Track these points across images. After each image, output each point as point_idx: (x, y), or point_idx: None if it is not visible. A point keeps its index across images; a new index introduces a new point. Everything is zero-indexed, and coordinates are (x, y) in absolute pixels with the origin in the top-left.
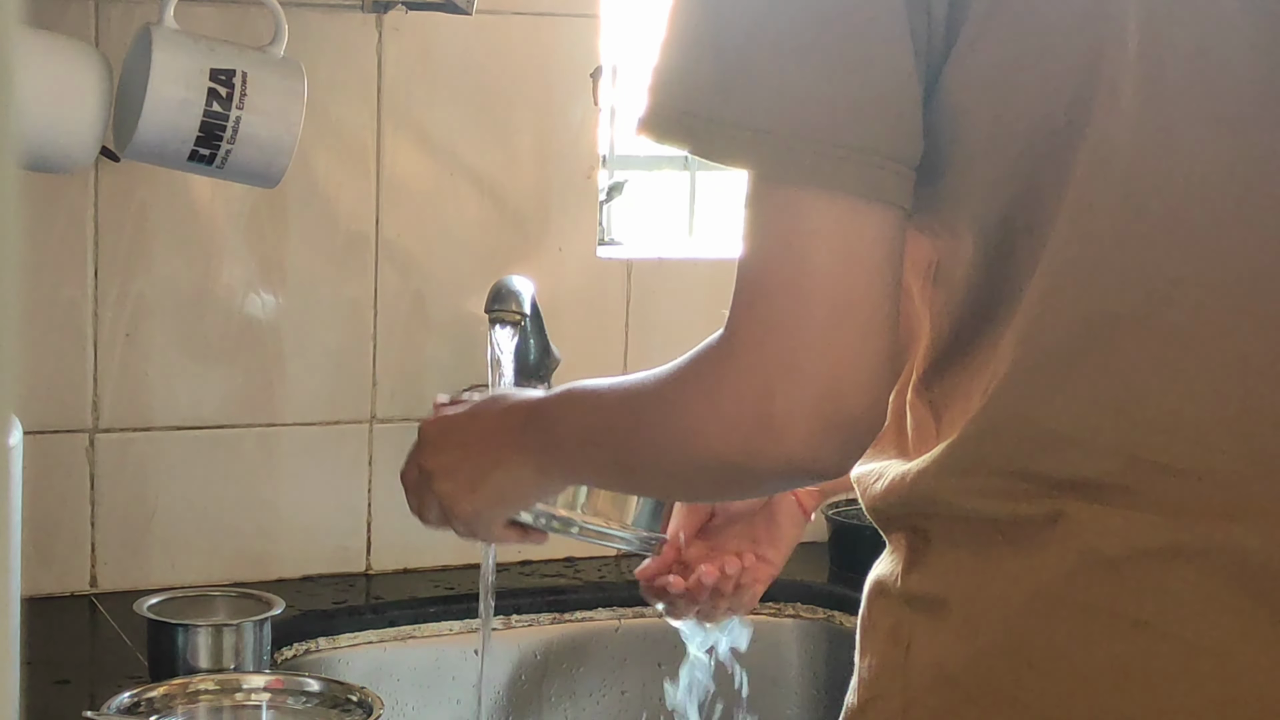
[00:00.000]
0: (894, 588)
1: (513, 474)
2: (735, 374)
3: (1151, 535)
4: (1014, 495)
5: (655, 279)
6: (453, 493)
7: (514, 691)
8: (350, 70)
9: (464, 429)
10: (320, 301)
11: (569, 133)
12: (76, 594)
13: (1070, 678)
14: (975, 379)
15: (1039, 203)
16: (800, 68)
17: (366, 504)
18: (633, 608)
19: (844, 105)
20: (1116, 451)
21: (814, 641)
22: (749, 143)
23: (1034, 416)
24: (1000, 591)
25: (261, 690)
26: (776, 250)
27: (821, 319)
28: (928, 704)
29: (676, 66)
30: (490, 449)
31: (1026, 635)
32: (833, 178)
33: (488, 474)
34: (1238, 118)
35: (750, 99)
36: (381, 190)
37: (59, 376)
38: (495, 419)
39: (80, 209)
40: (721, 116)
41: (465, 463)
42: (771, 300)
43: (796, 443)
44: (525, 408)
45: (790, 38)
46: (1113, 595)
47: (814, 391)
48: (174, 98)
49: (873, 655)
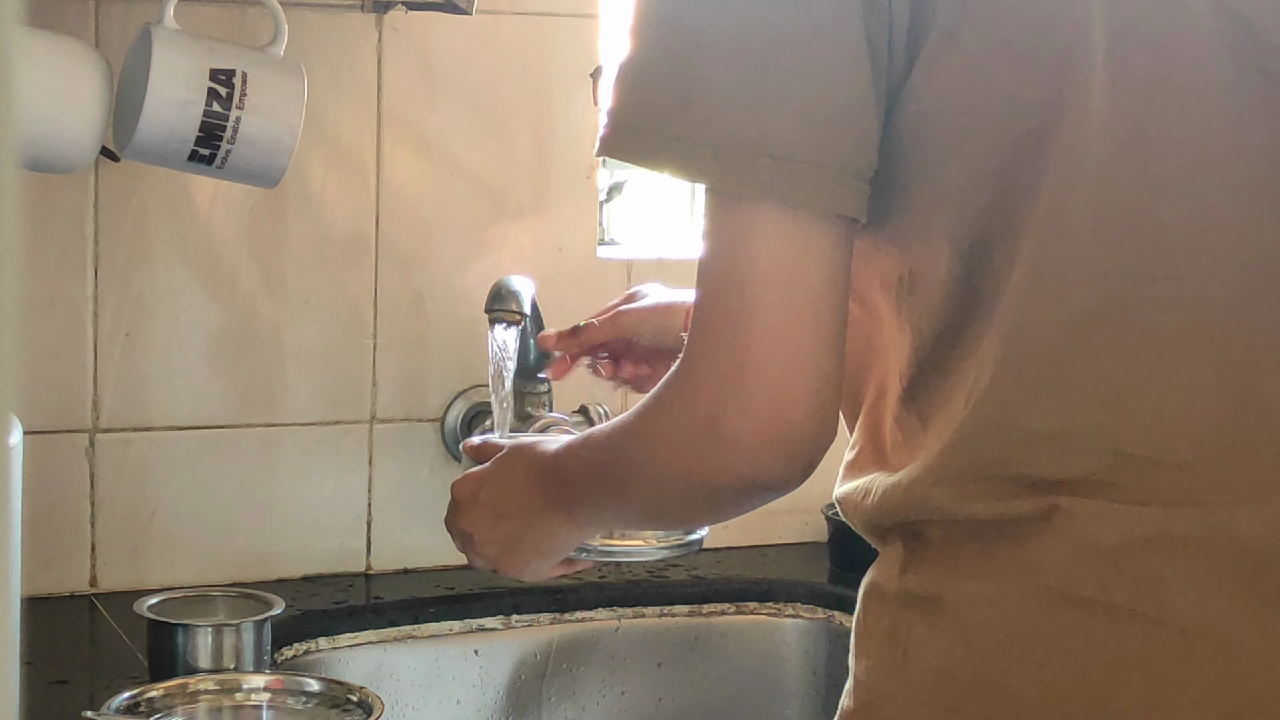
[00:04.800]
0: (890, 589)
1: (546, 530)
2: (687, 391)
3: (1144, 525)
4: (1007, 496)
5: (655, 279)
6: (496, 555)
7: (514, 691)
8: (350, 70)
9: (493, 490)
10: (320, 301)
11: (569, 133)
12: (76, 594)
13: (1069, 670)
14: (960, 385)
15: (1013, 207)
16: (752, 82)
17: (366, 504)
18: (633, 607)
19: (795, 119)
20: (1104, 448)
21: (814, 641)
22: (700, 157)
23: (1020, 418)
24: (997, 588)
25: (261, 690)
26: (723, 269)
27: (762, 338)
28: (927, 703)
29: (633, 87)
30: (520, 510)
31: (1024, 629)
32: (781, 190)
33: (523, 534)
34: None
35: (702, 114)
36: (381, 190)
37: (59, 376)
38: (520, 479)
39: (80, 209)
40: (675, 132)
41: (499, 526)
42: (716, 320)
43: (744, 458)
44: (544, 462)
45: (743, 52)
46: (1108, 585)
47: (757, 408)
48: (174, 98)
49: (869, 657)
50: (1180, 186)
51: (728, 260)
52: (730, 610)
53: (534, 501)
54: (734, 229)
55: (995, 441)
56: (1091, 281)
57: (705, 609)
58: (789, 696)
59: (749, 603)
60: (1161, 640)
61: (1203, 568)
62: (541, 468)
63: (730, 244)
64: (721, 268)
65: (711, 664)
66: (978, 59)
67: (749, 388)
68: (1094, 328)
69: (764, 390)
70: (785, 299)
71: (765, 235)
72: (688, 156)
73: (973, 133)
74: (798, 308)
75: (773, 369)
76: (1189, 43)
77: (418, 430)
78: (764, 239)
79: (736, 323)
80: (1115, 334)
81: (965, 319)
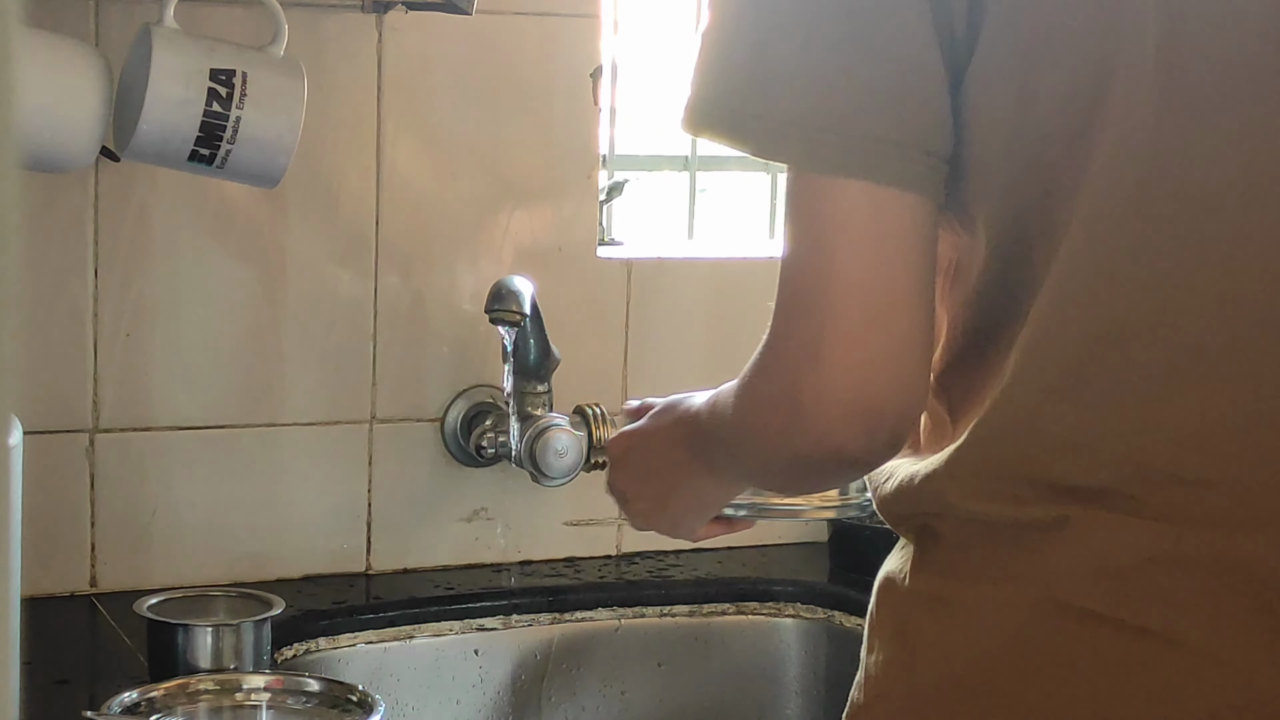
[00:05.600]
0: (902, 585)
1: (694, 487)
2: (771, 360)
3: (1158, 543)
4: (1020, 500)
5: (655, 279)
6: (647, 512)
7: (514, 691)
8: (350, 70)
9: (643, 448)
10: (320, 301)
11: (569, 133)
12: (76, 594)
13: (1075, 683)
14: (986, 382)
15: (1054, 208)
16: (834, 60)
17: (366, 504)
18: (633, 608)
19: (877, 97)
20: (1124, 460)
21: (814, 641)
22: (783, 135)
23: (1041, 423)
24: (1006, 594)
25: (261, 690)
26: (806, 240)
27: (843, 308)
28: (932, 703)
29: (714, 61)
30: (668, 467)
31: (1031, 639)
32: (865, 168)
33: (673, 491)
34: (1260, 127)
35: (784, 91)
36: (381, 190)
37: (59, 376)
38: (667, 436)
39: (80, 209)
40: (757, 110)
41: (649, 483)
42: (798, 289)
43: (823, 428)
44: (689, 419)
45: (823, 31)
46: (1119, 602)
47: (835, 378)
48: (174, 98)
49: (879, 652)
50: (1223, 200)
51: (810, 236)
52: (730, 610)
53: (680, 457)
54: (816, 207)
55: (1013, 443)
56: (1125, 290)
57: (705, 609)
58: (789, 696)
59: (749, 603)
60: (1169, 660)
61: (1216, 590)
62: (687, 424)
63: (812, 221)
64: (804, 243)
65: (711, 664)
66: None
67: (827, 357)
68: (1125, 338)
69: (842, 360)
70: (866, 275)
71: (847, 213)
72: (770, 135)
73: (1020, 131)
74: (878, 283)
75: (852, 341)
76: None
77: (418, 430)
78: (846, 217)
79: (817, 295)
80: (1146, 346)
81: (999, 317)
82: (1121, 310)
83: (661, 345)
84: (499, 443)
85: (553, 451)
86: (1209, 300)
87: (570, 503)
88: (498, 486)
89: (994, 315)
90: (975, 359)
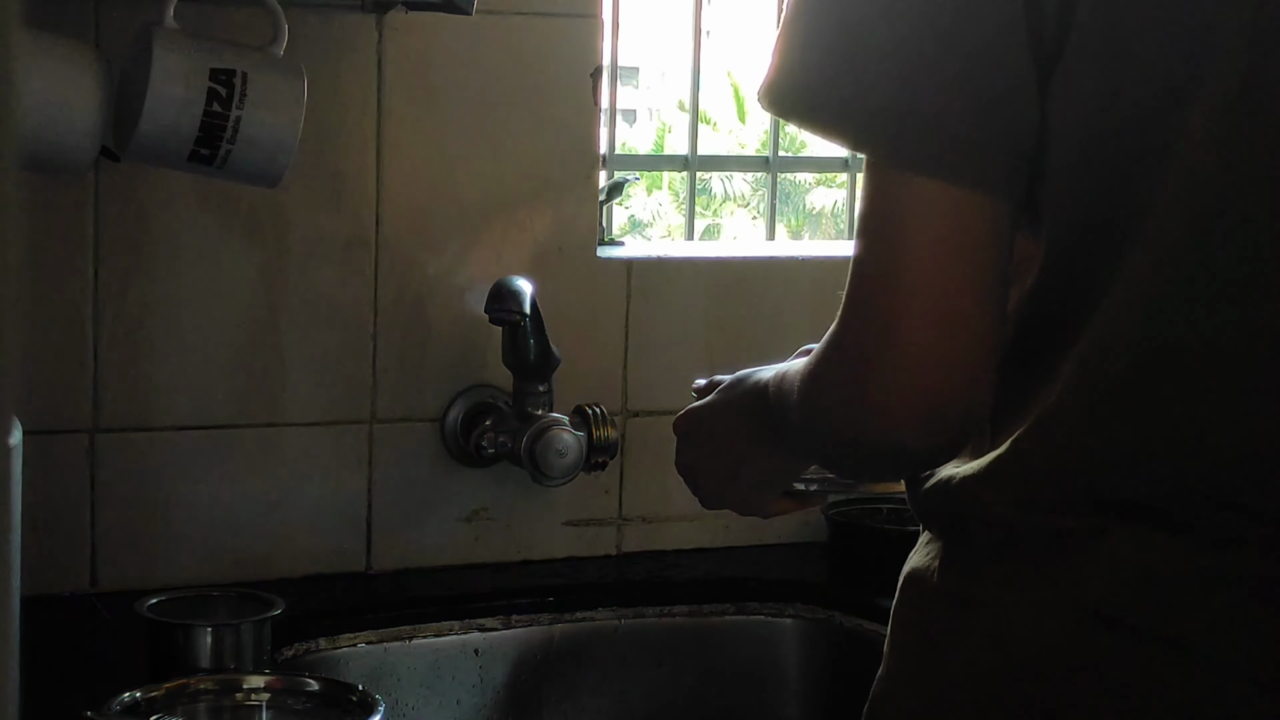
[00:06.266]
0: (930, 582)
1: (761, 461)
2: (838, 351)
3: (1196, 559)
4: (1057, 509)
5: (655, 279)
6: (715, 487)
7: (514, 691)
8: (350, 70)
9: (710, 422)
10: (320, 301)
11: (569, 133)
12: (76, 594)
13: (1100, 691)
14: (1032, 391)
15: (1122, 223)
16: (926, 54)
17: (366, 504)
18: (633, 607)
19: (966, 95)
20: (1169, 480)
21: (814, 641)
22: (863, 121)
23: (1088, 438)
24: (1035, 599)
25: (261, 690)
26: (880, 235)
27: (911, 310)
28: (956, 702)
29: (799, 43)
30: (737, 441)
31: (1060, 645)
32: (948, 168)
33: (741, 465)
34: None
35: (868, 78)
36: (381, 190)
37: (59, 376)
38: (735, 411)
39: (80, 209)
40: (846, 94)
41: (718, 457)
42: (868, 284)
43: (886, 422)
44: (757, 392)
45: (916, 24)
46: (1149, 614)
47: (901, 380)
48: (174, 98)
49: (903, 647)
50: None
51: (884, 231)
52: (730, 610)
53: (748, 433)
54: (892, 203)
55: (1057, 455)
56: (1185, 311)
57: (705, 609)
58: (789, 696)
59: (749, 603)
60: (1200, 675)
61: (1251, 609)
62: (755, 395)
63: (888, 216)
64: (878, 238)
65: (711, 664)
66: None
67: (893, 352)
68: (1180, 358)
69: (908, 362)
70: (937, 277)
71: (925, 213)
72: (857, 124)
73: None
74: (950, 287)
75: (919, 343)
76: None
77: (418, 430)
78: (923, 217)
79: (886, 295)
80: (1201, 367)
81: (1050, 327)
82: (1180, 331)
83: (661, 345)
84: (499, 442)
85: (553, 451)
86: (1270, 327)
87: (570, 503)
88: (498, 486)
89: (1045, 324)
90: (1021, 366)
